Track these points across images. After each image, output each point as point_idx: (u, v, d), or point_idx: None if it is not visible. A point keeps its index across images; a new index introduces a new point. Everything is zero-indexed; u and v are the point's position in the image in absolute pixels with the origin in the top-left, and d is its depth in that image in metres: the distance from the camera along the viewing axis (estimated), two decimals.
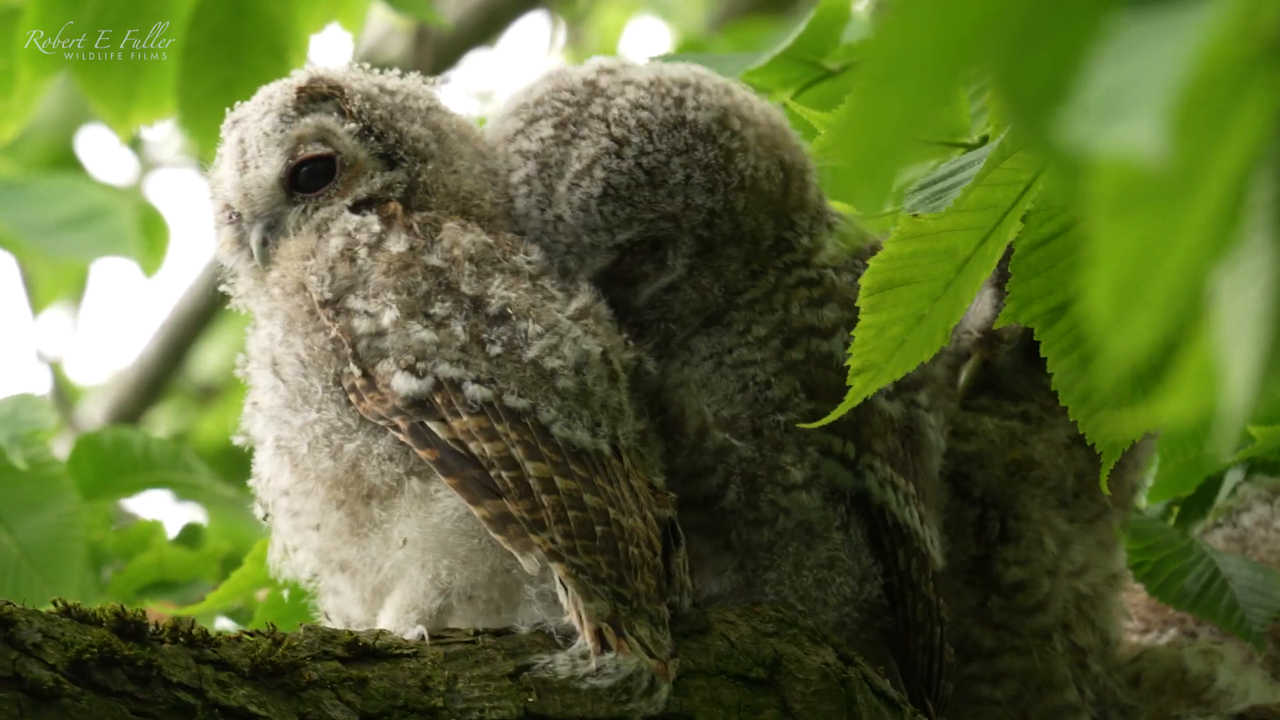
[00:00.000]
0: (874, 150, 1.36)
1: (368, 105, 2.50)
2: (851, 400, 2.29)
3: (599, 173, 2.42)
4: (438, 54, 5.77)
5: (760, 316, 2.49)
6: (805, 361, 2.48)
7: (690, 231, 2.45)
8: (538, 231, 2.45)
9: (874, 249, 2.55)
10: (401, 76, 2.57)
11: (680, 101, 2.45)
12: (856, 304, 2.34)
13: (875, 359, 2.27)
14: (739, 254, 2.49)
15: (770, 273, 2.50)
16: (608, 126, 2.44)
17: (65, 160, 6.13)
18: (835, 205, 2.65)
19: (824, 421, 2.37)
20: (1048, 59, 1.31)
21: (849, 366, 2.25)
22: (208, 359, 7.00)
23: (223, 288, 2.57)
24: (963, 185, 2.20)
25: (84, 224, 4.40)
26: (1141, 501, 2.94)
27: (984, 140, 2.53)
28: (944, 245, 2.23)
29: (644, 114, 2.44)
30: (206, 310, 6.11)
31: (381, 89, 2.53)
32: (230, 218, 2.53)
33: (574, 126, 2.46)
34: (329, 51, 4.41)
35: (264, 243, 2.48)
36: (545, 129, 2.46)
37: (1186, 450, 2.97)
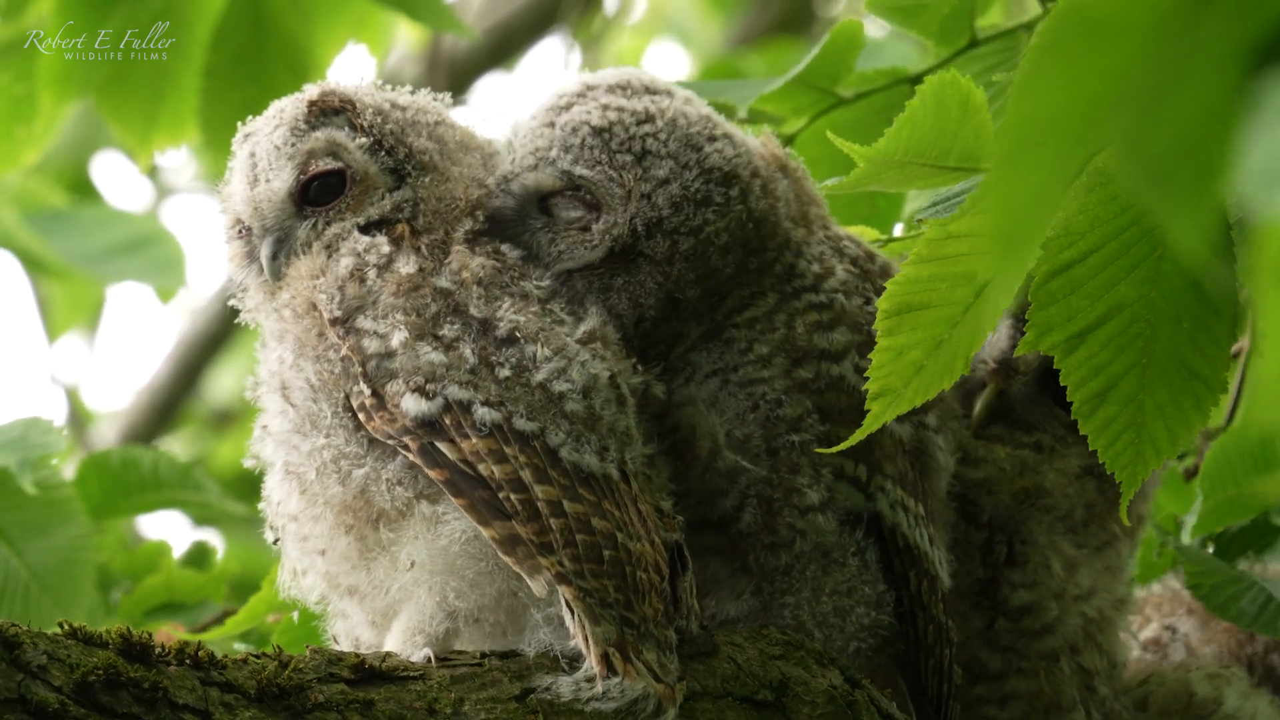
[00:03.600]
0: (1013, 223, 1.40)
1: (379, 120, 2.50)
2: (870, 425, 2.29)
3: (611, 115, 2.51)
4: (452, 78, 5.79)
5: (761, 335, 2.51)
6: (815, 382, 2.49)
7: (629, 221, 2.49)
8: (521, 133, 2.54)
9: (884, 272, 2.56)
10: (412, 93, 2.57)
11: (712, 139, 2.52)
12: (868, 327, 2.33)
13: (894, 383, 2.26)
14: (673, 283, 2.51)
15: (770, 295, 2.53)
16: (648, 107, 2.52)
17: (80, 187, 6.15)
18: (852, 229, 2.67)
19: (841, 447, 2.39)
20: (1177, 126, 1.30)
21: (861, 389, 2.24)
22: (222, 384, 7.01)
23: (232, 302, 2.57)
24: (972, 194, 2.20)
25: (133, 250, 4.44)
26: (1185, 537, 2.95)
27: None
28: (961, 269, 2.21)
29: (681, 121, 2.52)
30: (219, 334, 6.12)
31: (393, 104, 2.53)
32: (240, 231, 2.53)
33: (625, 95, 2.55)
34: (351, 73, 4.42)
35: (274, 256, 2.47)
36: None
37: (1225, 488, 2.96)
